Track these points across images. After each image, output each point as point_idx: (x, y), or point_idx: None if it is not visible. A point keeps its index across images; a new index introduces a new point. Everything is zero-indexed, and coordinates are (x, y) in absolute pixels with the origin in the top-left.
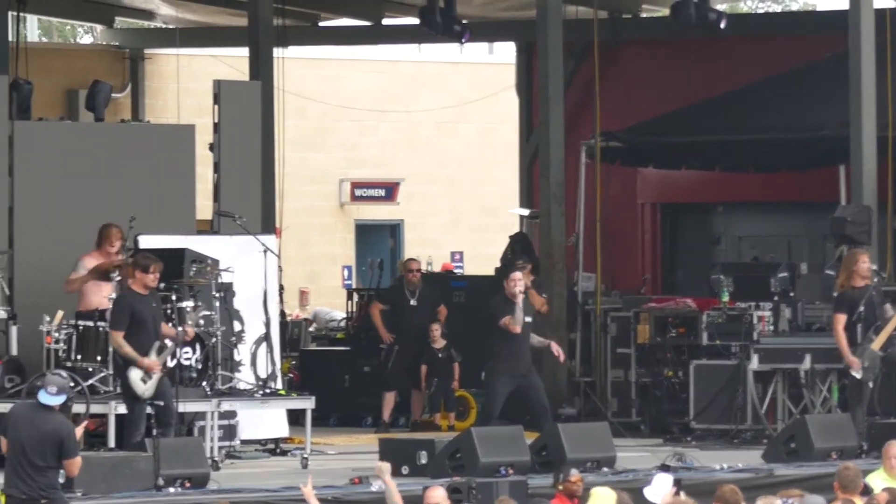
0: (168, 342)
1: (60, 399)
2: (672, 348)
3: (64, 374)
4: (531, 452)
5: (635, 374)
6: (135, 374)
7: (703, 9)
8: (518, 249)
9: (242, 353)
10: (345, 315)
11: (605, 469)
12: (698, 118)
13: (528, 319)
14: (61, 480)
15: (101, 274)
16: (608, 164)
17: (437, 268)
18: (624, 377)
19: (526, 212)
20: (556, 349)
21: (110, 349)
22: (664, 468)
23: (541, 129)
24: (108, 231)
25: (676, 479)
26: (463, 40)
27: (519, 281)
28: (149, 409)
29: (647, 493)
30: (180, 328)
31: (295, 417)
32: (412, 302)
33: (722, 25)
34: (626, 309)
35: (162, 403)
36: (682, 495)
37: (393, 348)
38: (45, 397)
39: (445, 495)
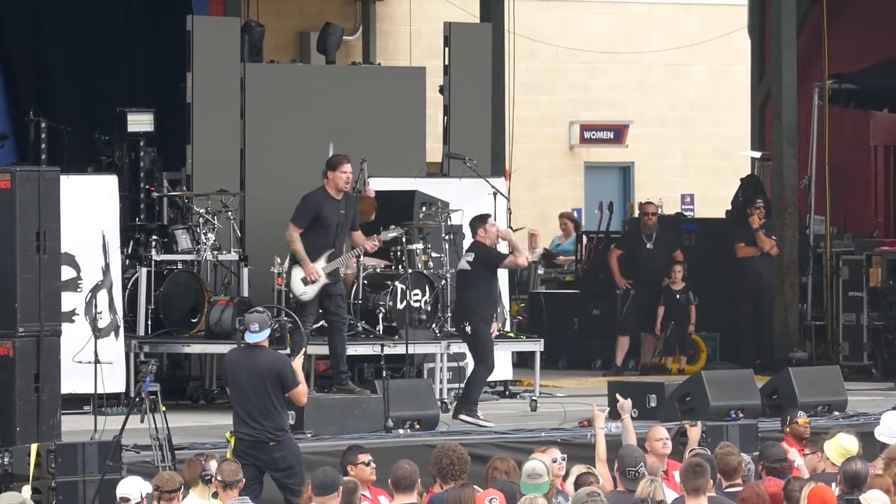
0: (350, 254)
1: (265, 334)
2: None
3: (261, 308)
4: (762, 396)
5: (867, 318)
6: (296, 273)
7: None
8: (749, 192)
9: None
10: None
11: (836, 413)
12: None
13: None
14: (291, 422)
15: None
16: (841, 107)
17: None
18: (856, 321)
19: (758, 154)
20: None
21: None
22: None
23: (773, 71)
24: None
25: None
26: None
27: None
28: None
29: (878, 433)
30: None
31: (524, 360)
32: (648, 245)
33: None
34: (859, 252)
35: None
36: None
37: (629, 293)
38: (250, 336)
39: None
